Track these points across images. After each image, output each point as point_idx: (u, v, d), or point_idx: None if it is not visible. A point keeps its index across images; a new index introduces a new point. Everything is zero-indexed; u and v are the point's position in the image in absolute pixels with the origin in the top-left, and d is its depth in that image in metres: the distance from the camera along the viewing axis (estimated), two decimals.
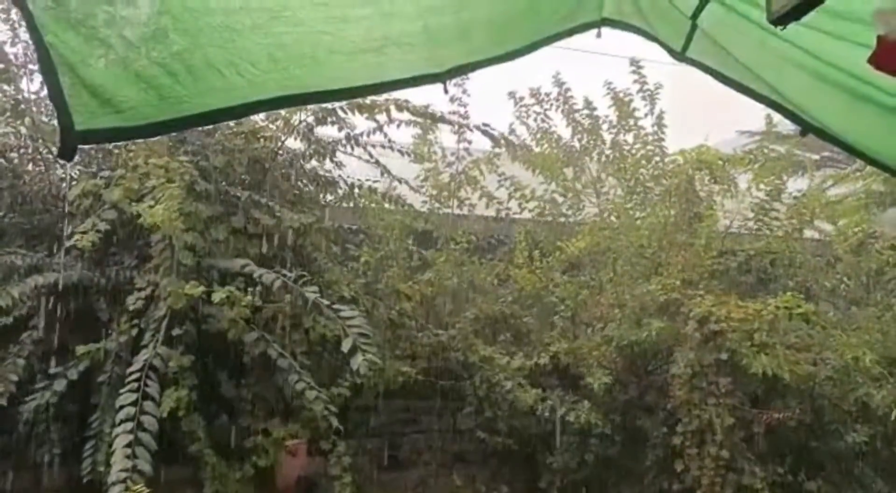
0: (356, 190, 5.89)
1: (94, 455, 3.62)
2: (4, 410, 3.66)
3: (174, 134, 4.89)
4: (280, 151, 5.49)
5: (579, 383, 5.15)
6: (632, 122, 6.09)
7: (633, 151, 6.06)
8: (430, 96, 6.01)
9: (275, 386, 4.51)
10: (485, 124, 6.21)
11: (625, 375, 5.26)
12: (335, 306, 4.32)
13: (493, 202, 6.27)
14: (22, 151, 5.04)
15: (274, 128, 5.50)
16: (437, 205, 6.27)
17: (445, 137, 6.26)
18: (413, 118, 5.88)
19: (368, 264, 5.83)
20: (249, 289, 4.39)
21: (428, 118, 5.92)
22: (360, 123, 5.59)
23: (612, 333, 5.16)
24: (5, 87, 4.94)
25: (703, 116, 7.68)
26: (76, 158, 4.82)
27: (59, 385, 3.80)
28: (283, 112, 5.51)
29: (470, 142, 6.20)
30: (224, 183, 4.95)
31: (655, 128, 6.05)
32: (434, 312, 6.01)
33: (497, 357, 5.31)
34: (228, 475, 4.03)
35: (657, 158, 6.00)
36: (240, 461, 4.18)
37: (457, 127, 6.06)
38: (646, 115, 6.09)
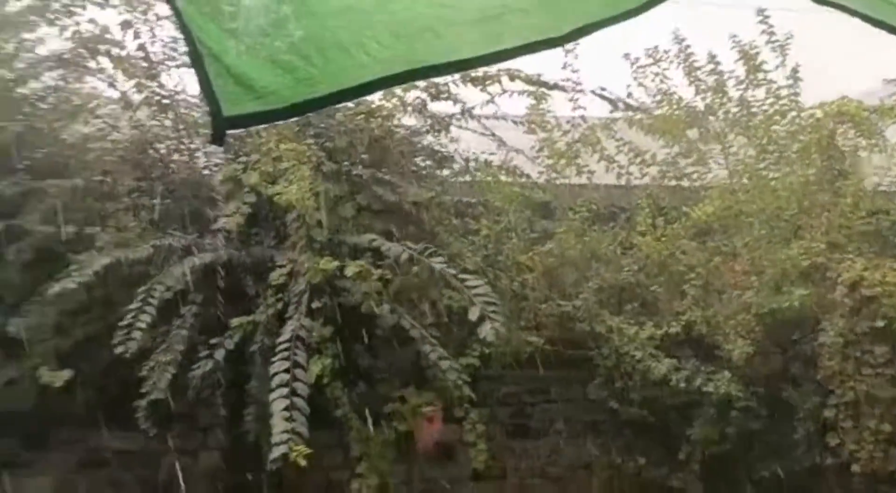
0: (472, 163, 5.94)
1: (255, 419, 3.94)
2: (175, 377, 4.03)
3: (300, 118, 5.13)
4: (397, 129, 5.63)
5: (715, 353, 4.99)
6: (761, 76, 5.73)
7: (765, 108, 5.71)
8: (542, 65, 5.91)
9: (407, 356, 4.69)
10: (601, 88, 6.07)
11: (766, 344, 5.03)
12: (461, 276, 4.41)
13: (612, 167, 6.13)
14: (168, 142, 5.45)
15: (390, 106, 5.64)
16: (554, 175, 6.20)
17: (559, 105, 6.17)
18: (526, 87, 5.83)
19: (488, 236, 5.88)
20: (378, 263, 4.57)
21: (541, 86, 5.85)
22: (473, 96, 5.62)
23: (750, 300, 4.94)
24: (150, 83, 5.35)
25: (841, 66, 7.11)
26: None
27: (219, 355, 4.14)
28: (397, 90, 5.63)
29: (585, 108, 6.08)
30: (347, 162, 5.14)
31: (790, 81, 5.67)
32: (556, 282, 5.98)
33: (625, 327, 5.23)
34: (372, 439, 4.25)
35: (792, 114, 5.62)
36: (380, 426, 4.39)
37: (571, 94, 5.95)
38: (777, 67, 5.71)
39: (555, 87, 5.83)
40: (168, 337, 4.23)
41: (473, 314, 4.17)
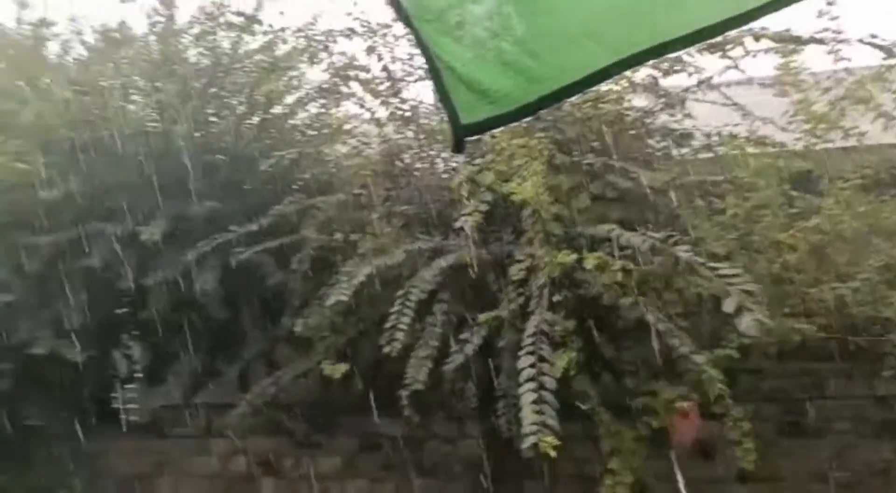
0: (713, 138, 5.50)
1: (507, 413, 4.10)
2: (431, 370, 4.36)
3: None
4: (627, 112, 5.42)
5: None
6: None
7: None
8: (790, 20, 5.25)
9: (654, 348, 4.50)
10: (871, 36, 5.20)
11: None
12: (711, 264, 4.11)
13: (891, 124, 5.22)
14: (411, 152, 5.88)
15: (618, 89, 5.45)
16: (813, 140, 5.47)
17: (815, 60, 5.42)
18: (774, 45, 5.22)
19: (737, 215, 5.39)
20: (617, 253, 4.45)
21: (793, 42, 5.19)
22: (711, 64, 5.18)
23: None
24: (393, 100, 5.84)
25: None
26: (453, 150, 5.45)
27: (469, 349, 4.38)
28: (625, 71, 5.44)
29: (849, 60, 5.26)
30: (578, 152, 5.08)
31: None
32: (826, 262, 5.28)
33: None
34: (622, 433, 4.17)
35: None
36: (631, 420, 4.28)
37: (830, 46, 5.19)
38: None
39: (810, 41, 5.14)
40: (423, 334, 4.57)
41: (729, 306, 3.87)
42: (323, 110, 6.49)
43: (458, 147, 1.95)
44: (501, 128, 5.11)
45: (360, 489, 5.25)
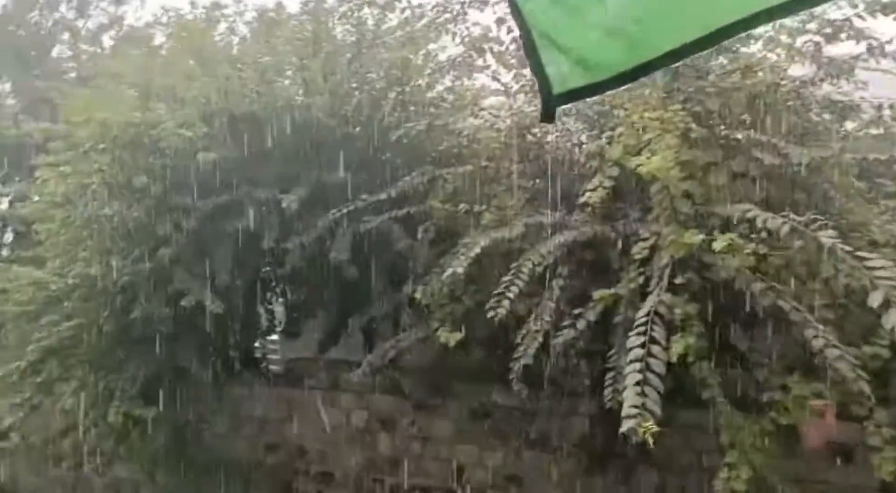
0: (886, 111, 4.92)
1: (613, 386, 4.00)
2: (542, 345, 4.33)
3: (667, 84, 4.94)
4: (782, 82, 4.97)
5: None
6: None
7: None
8: None
9: (791, 340, 4.16)
10: None
11: None
12: (859, 254, 3.71)
13: None
14: (541, 126, 5.79)
15: (774, 57, 5.01)
16: None
17: None
18: None
19: None
20: (753, 236, 4.14)
21: None
22: (885, 28, 4.62)
23: None
24: (525, 72, 5.77)
25: None
26: (580, 124, 5.32)
27: (581, 325, 4.30)
28: (783, 37, 5.00)
29: None
30: (721, 126, 4.75)
31: None
32: None
33: None
34: (745, 427, 3.91)
35: None
36: (757, 414, 4.01)
37: None
38: None
39: None
40: (538, 308, 4.54)
41: (875, 300, 3.50)
42: (458, 83, 6.58)
43: (548, 117, 1.92)
44: (636, 99, 4.94)
45: (469, 454, 5.36)
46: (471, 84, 6.52)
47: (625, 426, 3.33)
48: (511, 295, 4.26)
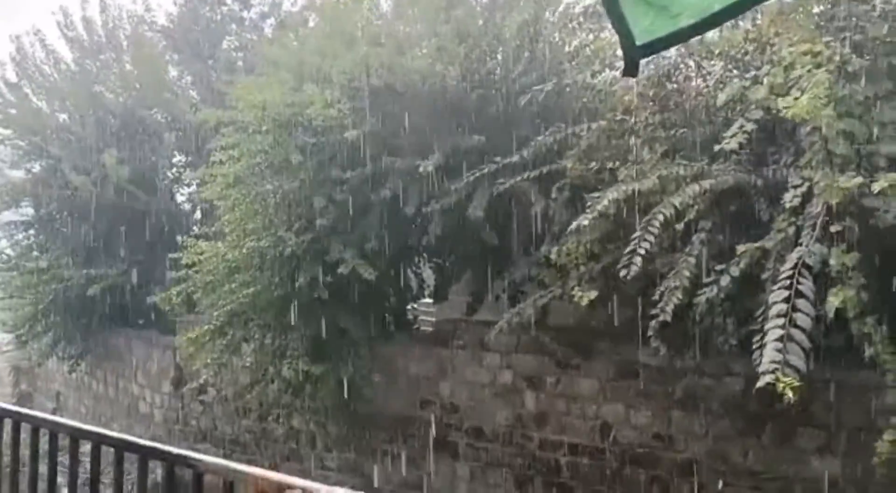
0: None
1: (761, 345, 3.77)
2: (682, 303, 4.18)
3: (822, 13, 4.46)
4: None
5: None
6: None
7: None
8: None
9: None
10: None
11: None
12: None
13: None
14: (681, 72, 5.48)
15: None
16: None
17: None
18: None
19: None
20: None
21: None
22: None
23: None
24: None
25: None
26: (717, 64, 4.95)
27: (724, 281, 4.09)
28: None
29: None
30: (887, 55, 4.20)
31: None
32: None
33: None
34: None
35: None
36: None
37: None
38: None
39: None
40: (677, 264, 4.38)
41: None
42: (590, 36, 6.37)
43: (631, 70, 1.88)
44: (783, 33, 4.52)
45: (615, 412, 5.32)
46: (608, 36, 6.27)
47: (762, 381, 3.17)
48: (642, 251, 4.14)
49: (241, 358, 6.95)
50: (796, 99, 3.89)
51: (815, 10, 4.70)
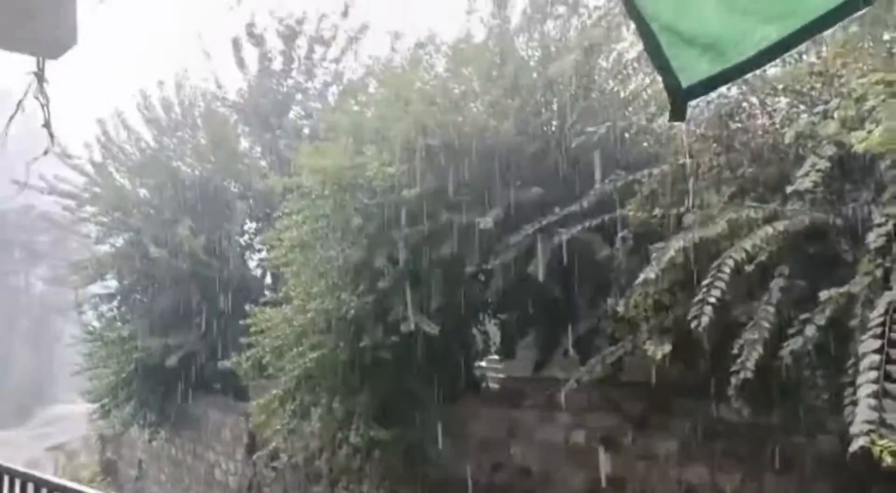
0: None
1: (853, 400, 3.42)
2: (771, 354, 3.87)
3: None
4: None
5: None
6: None
7: None
8: None
9: None
10: None
11: None
12: None
13: None
14: (744, 110, 5.26)
15: None
16: None
17: None
18: None
19: None
20: None
21: None
22: None
23: None
24: None
25: None
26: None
27: (809, 331, 3.77)
28: None
29: None
30: None
31: None
32: None
33: None
34: None
35: None
36: None
37: None
38: None
39: None
40: (756, 313, 4.08)
41: None
42: (646, 80, 6.25)
43: (679, 115, 1.78)
44: (851, 62, 4.28)
45: (700, 475, 4.93)
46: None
47: (855, 445, 2.84)
48: (712, 300, 3.88)
49: (310, 423, 6.92)
50: (870, 132, 3.63)
51: (886, 36, 4.44)
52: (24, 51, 2.31)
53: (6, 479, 3.80)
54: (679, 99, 1.83)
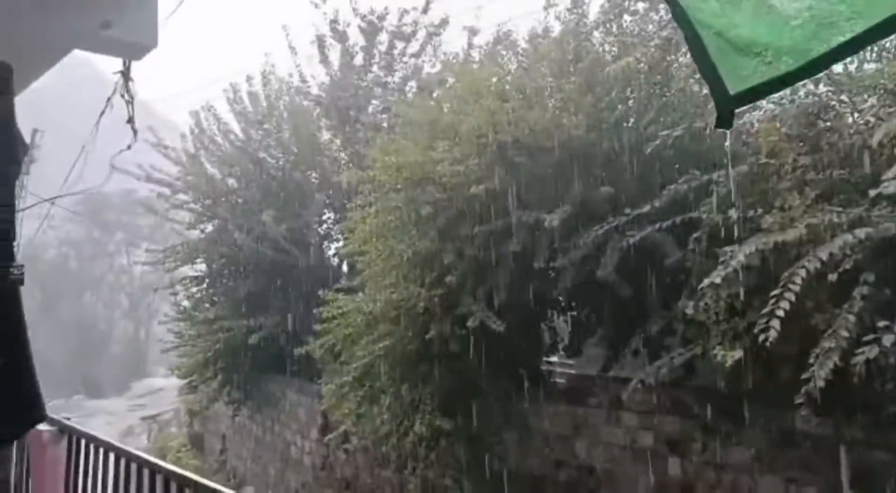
0: None
1: None
2: (837, 367, 3.71)
3: None
4: None
5: None
6: None
7: None
8: None
9: None
10: None
11: None
12: None
13: None
14: (833, 109, 5.00)
15: None
16: None
17: None
18: None
19: None
20: None
21: None
22: None
23: None
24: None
25: None
26: None
27: (888, 340, 3.58)
28: None
29: None
30: None
31: None
32: None
33: None
34: None
35: None
36: None
37: None
38: None
39: None
40: (835, 321, 3.90)
41: None
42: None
43: (725, 122, 1.74)
44: None
45: (775, 487, 4.74)
46: None
47: None
48: (780, 312, 3.74)
49: (378, 409, 7.11)
50: None
51: None
52: (110, 53, 2.51)
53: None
54: (726, 106, 1.79)
